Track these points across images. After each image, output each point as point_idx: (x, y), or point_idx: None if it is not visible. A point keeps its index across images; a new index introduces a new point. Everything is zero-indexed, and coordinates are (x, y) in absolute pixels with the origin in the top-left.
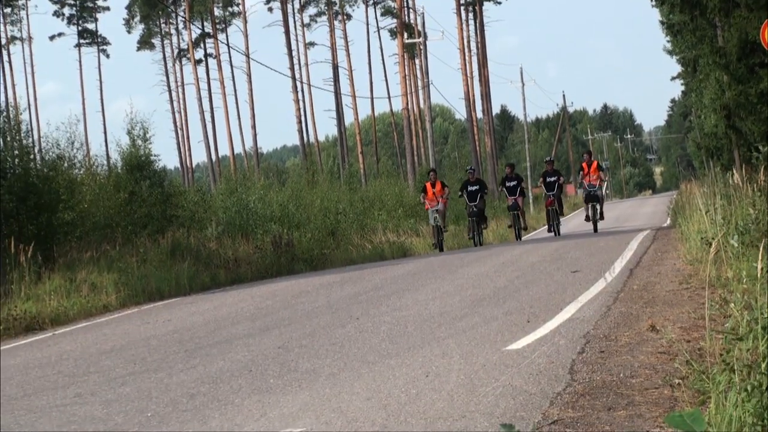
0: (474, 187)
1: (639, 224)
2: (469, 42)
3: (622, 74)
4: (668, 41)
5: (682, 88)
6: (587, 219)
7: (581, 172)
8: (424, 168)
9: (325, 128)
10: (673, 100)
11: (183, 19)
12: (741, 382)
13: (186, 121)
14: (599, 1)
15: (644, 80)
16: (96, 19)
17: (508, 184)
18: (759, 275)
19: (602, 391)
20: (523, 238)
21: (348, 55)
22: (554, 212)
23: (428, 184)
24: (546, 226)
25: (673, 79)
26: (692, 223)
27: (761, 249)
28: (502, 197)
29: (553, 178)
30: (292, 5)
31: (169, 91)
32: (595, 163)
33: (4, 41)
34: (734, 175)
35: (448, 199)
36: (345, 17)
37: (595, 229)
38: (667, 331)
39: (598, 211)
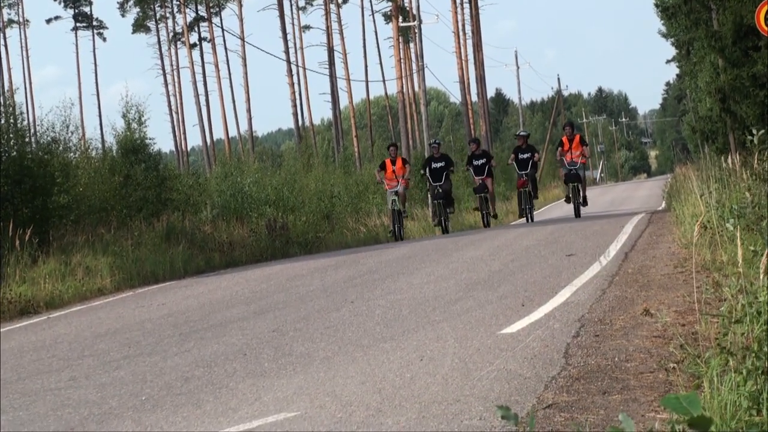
0: (438, 164)
1: (634, 207)
2: (464, 25)
3: (616, 57)
4: (663, 24)
5: (677, 71)
6: (567, 200)
7: (560, 148)
8: (417, 152)
9: (320, 112)
10: (667, 84)
11: (178, 3)
12: (736, 365)
13: (181, 104)
14: None
15: (639, 63)
16: (91, 3)
17: (475, 162)
18: (739, 258)
19: (597, 375)
20: (492, 226)
21: (342, 38)
22: (527, 195)
23: (387, 161)
24: (526, 213)
25: (667, 62)
26: (687, 207)
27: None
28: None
29: (526, 155)
30: None
31: (164, 74)
32: (577, 138)
33: (1, 24)
34: (729, 159)
35: (409, 179)
36: (340, 0)
37: (577, 214)
38: (662, 314)
39: (580, 194)
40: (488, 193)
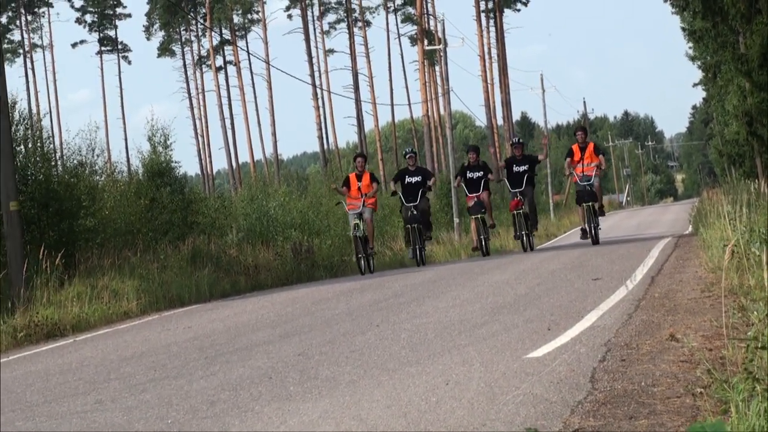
0: (414, 178)
1: (660, 231)
2: (489, 49)
3: (643, 81)
4: (690, 47)
5: (704, 94)
6: (584, 235)
7: (569, 159)
8: (443, 175)
9: (345, 135)
10: (694, 107)
11: (203, 26)
12: (763, 390)
13: (207, 128)
14: (620, 8)
15: (665, 87)
16: (116, 27)
17: (470, 175)
18: None
19: (623, 400)
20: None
21: (368, 61)
22: (522, 218)
23: (352, 176)
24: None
25: (694, 85)
26: (715, 231)
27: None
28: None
29: (522, 168)
30: (312, 12)
31: (190, 98)
32: (591, 146)
33: (26, 48)
34: (757, 183)
35: (376, 197)
36: (365, 24)
37: (595, 240)
38: (689, 339)
39: (597, 215)
40: (486, 212)
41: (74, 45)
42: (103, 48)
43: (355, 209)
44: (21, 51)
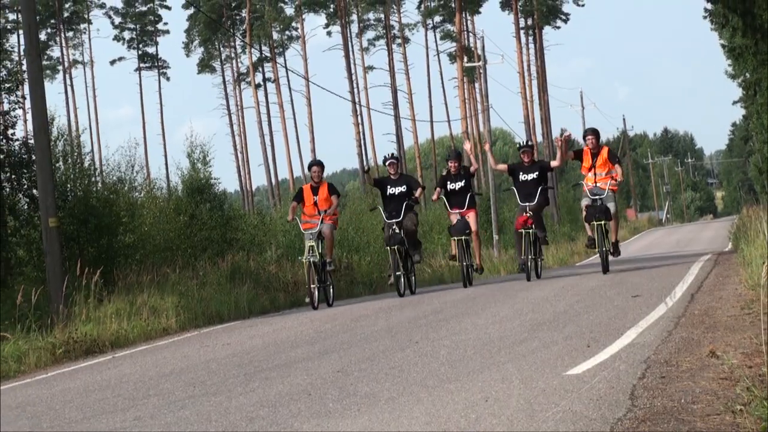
0: (396, 189)
1: (700, 248)
2: (528, 66)
3: (682, 98)
4: (729, 65)
5: (743, 112)
6: (590, 244)
7: (576, 158)
8: (483, 191)
9: (385, 151)
10: (734, 124)
11: (242, 43)
12: None
13: (246, 144)
14: (660, 25)
15: (705, 104)
16: (156, 43)
17: (450, 186)
18: None
19: (663, 417)
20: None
21: (407, 78)
22: (530, 239)
23: (306, 188)
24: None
25: (734, 103)
26: (755, 248)
27: None
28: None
29: (531, 176)
30: (352, 29)
31: (229, 114)
32: (605, 152)
33: (66, 65)
34: None
35: (336, 213)
36: (404, 41)
37: (605, 268)
38: (729, 356)
39: (609, 236)
40: (470, 234)
41: (113, 62)
42: (142, 65)
43: (312, 228)
44: (60, 67)
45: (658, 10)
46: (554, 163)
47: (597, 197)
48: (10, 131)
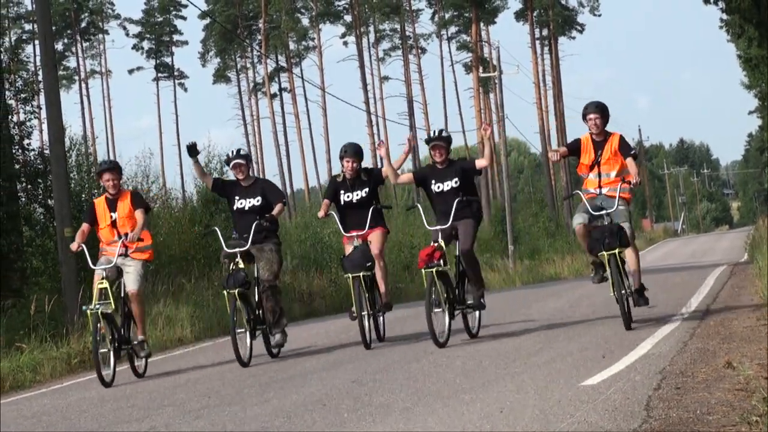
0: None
1: (716, 259)
2: (544, 76)
3: (698, 108)
4: (745, 75)
5: (760, 122)
6: (596, 277)
7: (573, 155)
8: (497, 202)
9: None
10: (750, 135)
11: (258, 54)
12: None
13: (261, 154)
14: (676, 35)
15: (721, 114)
16: (173, 53)
17: (346, 196)
18: None
19: (679, 428)
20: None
21: (423, 88)
22: (443, 283)
23: (98, 203)
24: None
25: (750, 113)
26: None
27: None
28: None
29: (446, 184)
30: (367, 39)
31: (245, 124)
32: (615, 140)
33: (82, 75)
34: None
35: (150, 236)
36: (419, 51)
37: (627, 323)
38: (745, 367)
39: (626, 274)
40: (372, 267)
41: (131, 72)
42: (159, 75)
43: (109, 258)
44: (76, 77)
45: (676, 20)
46: (481, 163)
47: (602, 213)
48: (26, 141)
